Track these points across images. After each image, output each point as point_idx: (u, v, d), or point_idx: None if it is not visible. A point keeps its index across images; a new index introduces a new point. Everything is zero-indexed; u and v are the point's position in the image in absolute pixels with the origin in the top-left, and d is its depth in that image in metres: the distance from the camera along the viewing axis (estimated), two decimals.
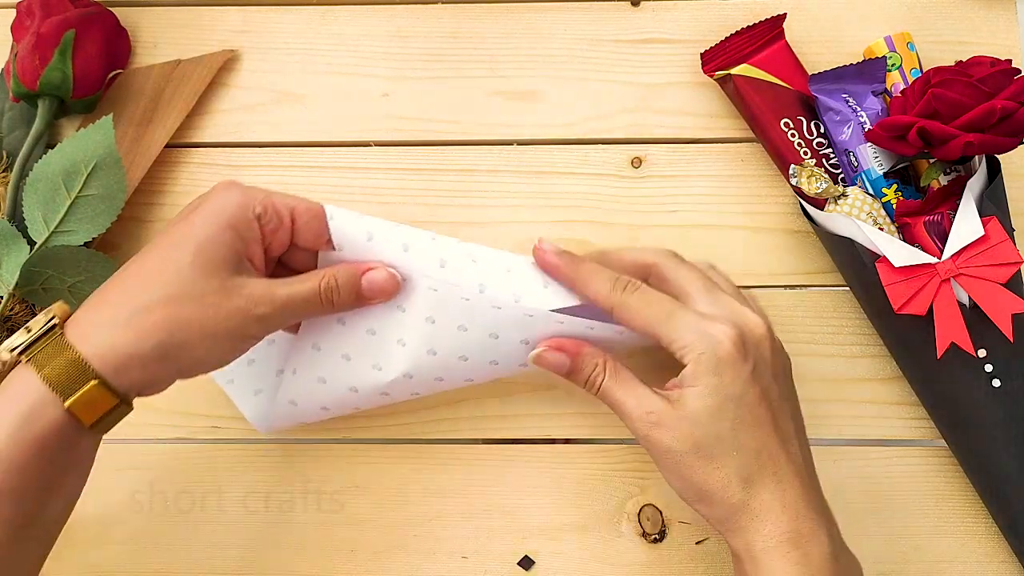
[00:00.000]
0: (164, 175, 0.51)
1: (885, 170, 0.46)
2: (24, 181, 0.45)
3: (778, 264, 0.49)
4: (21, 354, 0.34)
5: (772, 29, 0.48)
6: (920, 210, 0.44)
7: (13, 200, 0.47)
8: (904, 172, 0.47)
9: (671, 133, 0.50)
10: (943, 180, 0.45)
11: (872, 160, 0.46)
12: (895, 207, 0.45)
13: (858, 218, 0.45)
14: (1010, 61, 0.42)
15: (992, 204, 0.43)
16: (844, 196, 0.46)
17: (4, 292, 0.45)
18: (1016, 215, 0.46)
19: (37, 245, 0.45)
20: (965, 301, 0.43)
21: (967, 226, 0.42)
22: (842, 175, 0.47)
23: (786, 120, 0.47)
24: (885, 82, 0.47)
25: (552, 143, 0.51)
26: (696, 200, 0.50)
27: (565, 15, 0.52)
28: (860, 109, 0.46)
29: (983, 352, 0.43)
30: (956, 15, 0.51)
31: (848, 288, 0.48)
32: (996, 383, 0.43)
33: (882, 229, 0.45)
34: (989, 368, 0.43)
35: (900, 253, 0.42)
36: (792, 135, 0.47)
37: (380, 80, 0.51)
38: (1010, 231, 0.43)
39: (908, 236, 0.45)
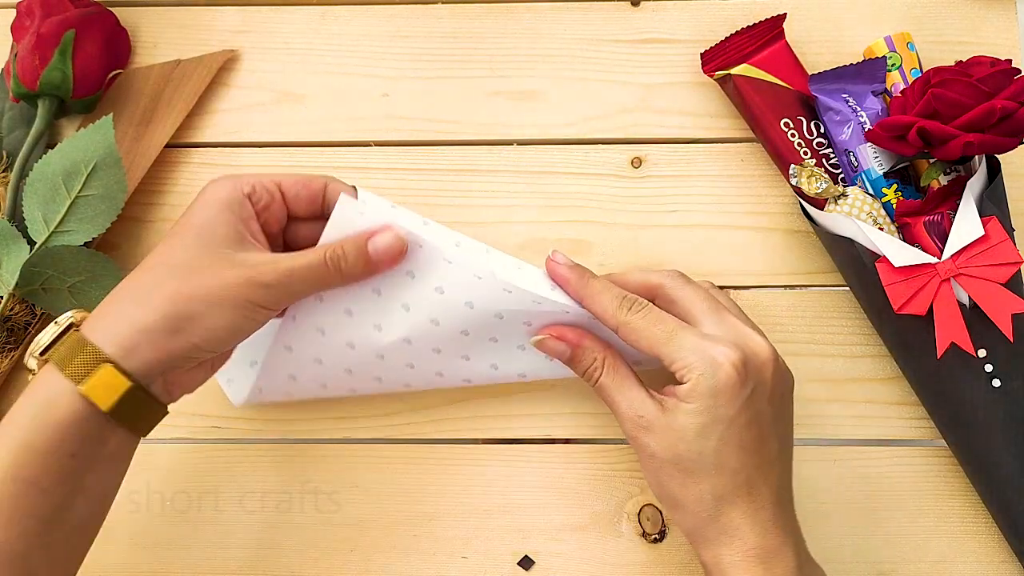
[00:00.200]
0: (164, 175, 0.51)
1: (885, 170, 0.46)
2: (24, 181, 0.45)
3: (778, 264, 0.49)
4: (42, 355, 0.35)
5: (772, 29, 0.48)
6: (920, 210, 0.44)
7: (13, 200, 0.47)
8: (904, 172, 0.47)
9: (671, 133, 0.50)
10: (943, 180, 0.45)
11: (872, 160, 0.46)
12: (895, 207, 0.45)
13: (858, 218, 0.45)
14: (1010, 61, 0.42)
15: (992, 204, 0.43)
16: (844, 196, 0.46)
17: (4, 292, 0.45)
18: (1016, 215, 0.46)
19: (37, 245, 0.45)
20: (965, 301, 0.43)
21: (967, 226, 0.42)
22: (842, 175, 0.47)
23: (786, 120, 0.47)
24: (885, 82, 0.47)
25: (552, 143, 0.51)
26: (696, 200, 0.50)
27: (565, 15, 0.52)
28: (860, 109, 0.46)
29: (983, 352, 0.43)
30: (956, 15, 0.51)
31: (848, 288, 0.48)
32: (996, 383, 0.43)
33: (882, 229, 0.45)
34: (989, 368, 0.43)
35: (900, 253, 0.42)
36: (792, 135, 0.47)
37: (380, 80, 0.51)
38: (1010, 231, 0.43)
39: (908, 236, 0.45)
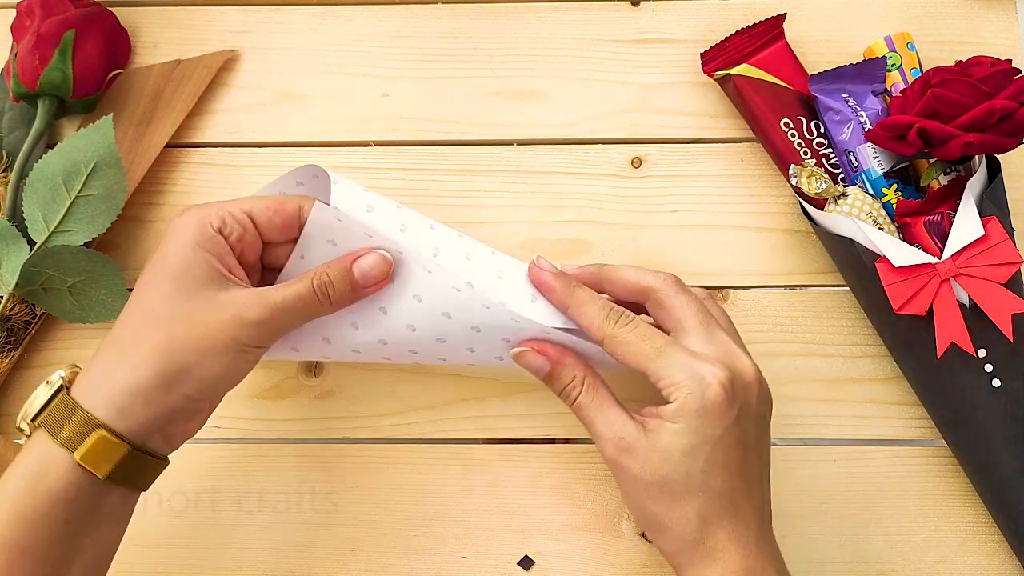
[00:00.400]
0: (164, 175, 0.51)
1: (885, 170, 0.46)
2: (24, 181, 0.45)
3: (778, 264, 0.49)
4: (33, 420, 0.34)
5: (772, 29, 0.48)
6: (920, 210, 0.44)
7: (13, 200, 0.47)
8: (904, 172, 0.47)
9: (671, 133, 0.50)
10: (943, 180, 0.45)
11: (872, 160, 0.46)
12: (895, 207, 0.45)
13: (858, 218, 0.45)
14: (1010, 61, 0.42)
15: (992, 204, 0.43)
16: (844, 196, 0.46)
17: (4, 292, 0.45)
18: (1016, 215, 0.45)
19: (37, 245, 0.45)
20: (965, 301, 0.43)
21: (967, 226, 0.42)
22: (842, 175, 0.47)
23: (786, 120, 0.47)
24: (885, 82, 0.47)
25: (552, 143, 0.51)
26: (696, 200, 0.50)
27: (565, 15, 0.52)
28: (860, 109, 0.46)
29: (983, 352, 0.43)
30: (956, 15, 0.51)
31: (848, 288, 0.48)
32: (996, 383, 0.43)
33: (882, 229, 0.45)
34: (989, 368, 0.43)
35: (900, 253, 0.42)
36: (792, 135, 0.47)
37: (380, 80, 0.51)
38: (1010, 231, 0.43)
39: (908, 236, 0.45)
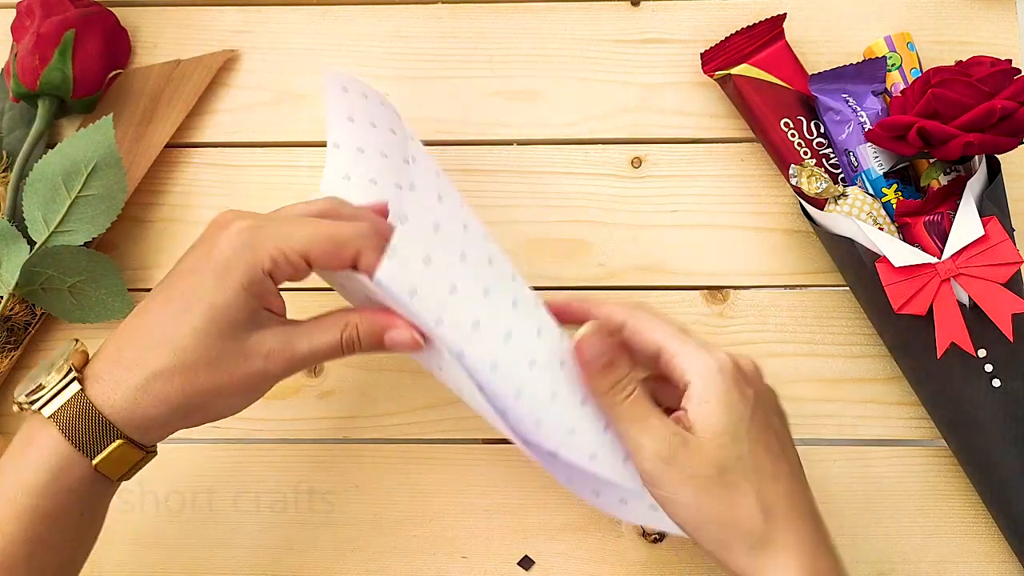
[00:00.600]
0: (164, 175, 0.51)
1: (885, 170, 0.46)
2: (24, 181, 0.45)
3: (778, 264, 0.49)
4: (43, 407, 0.34)
5: (772, 29, 0.48)
6: (920, 210, 0.44)
7: (13, 200, 0.47)
8: (904, 172, 0.47)
9: (671, 133, 0.50)
10: (943, 180, 0.45)
11: (872, 160, 0.46)
12: (895, 207, 0.45)
13: (858, 218, 0.45)
14: (1010, 61, 0.42)
15: (992, 204, 0.43)
16: (844, 196, 0.46)
17: (4, 292, 0.45)
18: (1016, 215, 0.45)
19: (37, 245, 0.45)
20: (965, 301, 0.43)
21: (967, 226, 0.42)
22: (842, 175, 0.47)
23: (786, 120, 0.47)
24: (885, 82, 0.47)
25: (552, 143, 0.51)
26: (696, 200, 0.50)
27: (565, 15, 0.52)
28: (860, 109, 0.46)
29: (983, 352, 0.43)
30: (956, 15, 0.51)
31: (848, 288, 0.48)
32: (996, 383, 0.43)
33: (882, 229, 0.45)
34: (989, 368, 0.43)
35: (900, 253, 0.42)
36: (792, 135, 0.47)
37: (380, 80, 0.51)
38: (1010, 231, 0.43)
39: (908, 236, 0.45)
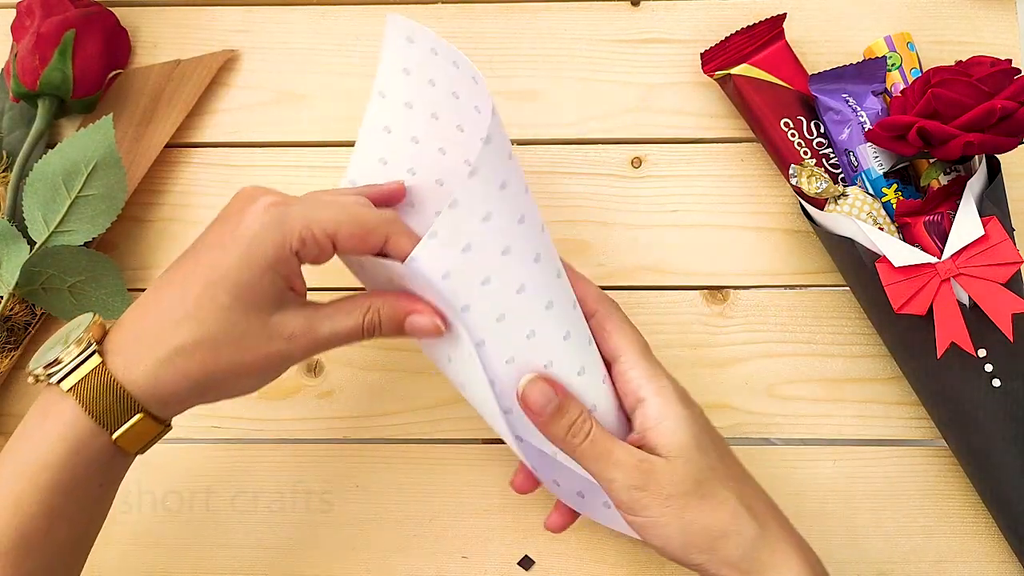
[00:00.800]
0: (164, 175, 0.51)
1: (885, 170, 0.46)
2: (24, 181, 0.45)
3: (778, 264, 0.49)
4: (61, 381, 0.33)
5: (772, 29, 0.48)
6: (920, 210, 0.44)
7: (13, 200, 0.47)
8: (904, 172, 0.47)
9: (671, 133, 0.50)
10: (943, 180, 0.45)
11: (872, 160, 0.46)
12: (895, 207, 0.45)
13: (858, 218, 0.45)
14: (1010, 61, 0.42)
15: (992, 204, 0.43)
16: (844, 196, 0.46)
17: (4, 292, 0.45)
18: (1016, 215, 0.45)
19: (37, 245, 0.45)
20: (965, 301, 0.43)
21: (967, 226, 0.42)
22: (842, 175, 0.47)
23: (786, 120, 0.47)
24: (885, 82, 0.47)
25: (552, 143, 0.51)
26: (696, 200, 0.50)
27: (565, 15, 0.52)
28: (860, 109, 0.46)
29: (983, 352, 0.43)
30: (956, 15, 0.51)
31: (848, 288, 0.48)
32: (996, 383, 0.43)
33: (882, 229, 0.45)
34: (989, 368, 0.43)
35: (900, 253, 0.42)
36: (792, 135, 0.47)
37: None
38: (1010, 231, 0.43)
39: (908, 236, 0.45)
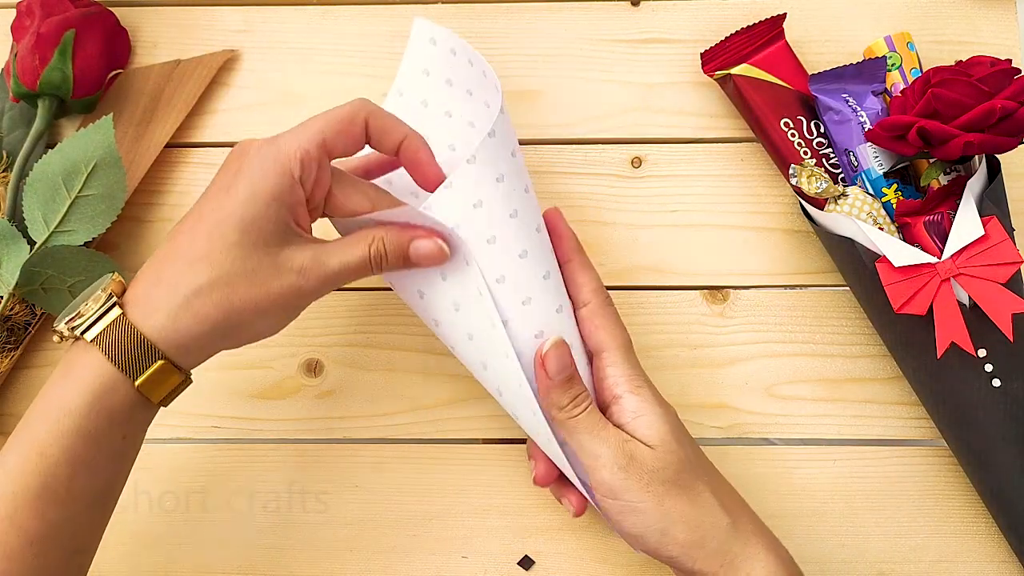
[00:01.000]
0: (164, 175, 0.51)
1: (885, 170, 0.46)
2: (24, 181, 0.45)
3: (778, 264, 0.49)
4: (84, 333, 0.35)
5: (772, 29, 0.48)
6: (920, 210, 0.44)
7: (13, 200, 0.47)
8: (904, 172, 0.47)
9: (671, 133, 0.50)
10: (943, 180, 0.45)
11: (872, 160, 0.46)
12: (895, 207, 0.45)
13: (858, 218, 0.45)
14: (1010, 61, 0.42)
15: (992, 204, 0.43)
16: (844, 196, 0.46)
17: (4, 292, 0.45)
18: (1016, 215, 0.46)
19: (37, 245, 0.45)
20: (965, 301, 0.43)
21: (967, 226, 0.42)
22: (842, 175, 0.47)
23: (786, 120, 0.47)
24: (885, 82, 0.47)
25: (552, 143, 0.51)
26: (696, 200, 0.50)
27: (565, 15, 0.52)
28: (860, 109, 0.46)
29: (983, 352, 0.43)
30: (956, 15, 0.51)
31: (848, 288, 0.48)
32: (996, 383, 0.43)
33: (882, 229, 0.45)
34: (989, 368, 0.43)
35: (900, 253, 0.42)
36: (792, 135, 0.47)
37: (380, 80, 0.51)
38: (1010, 231, 0.43)
39: (908, 236, 0.45)
